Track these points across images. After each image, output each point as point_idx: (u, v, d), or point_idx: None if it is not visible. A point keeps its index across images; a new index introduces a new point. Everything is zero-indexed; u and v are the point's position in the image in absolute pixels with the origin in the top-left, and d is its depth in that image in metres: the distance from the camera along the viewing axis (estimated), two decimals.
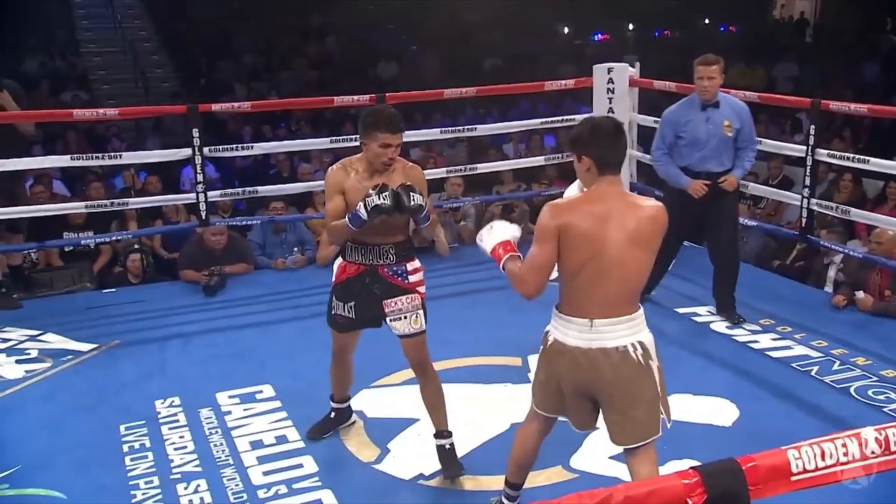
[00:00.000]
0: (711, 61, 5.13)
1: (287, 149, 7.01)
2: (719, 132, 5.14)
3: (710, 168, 5.20)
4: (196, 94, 15.60)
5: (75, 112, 5.90)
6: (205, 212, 6.09)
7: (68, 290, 6.41)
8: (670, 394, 4.38)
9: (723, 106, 5.18)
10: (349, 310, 3.81)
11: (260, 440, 4.18)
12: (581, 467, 3.83)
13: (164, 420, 4.40)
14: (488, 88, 7.20)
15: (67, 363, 5.14)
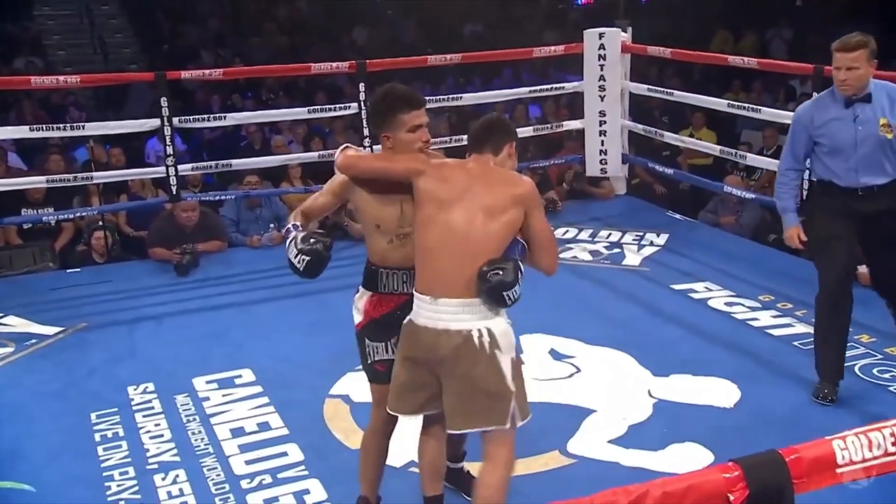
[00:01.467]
0: (852, 46, 3.87)
1: (262, 119, 6.94)
2: (874, 133, 3.94)
3: (865, 181, 4.00)
4: (159, 61, 15.39)
5: (33, 79, 5.81)
6: (175, 186, 6.02)
7: (29, 271, 6.32)
8: (670, 374, 4.50)
9: (877, 98, 3.95)
10: (393, 350, 3.11)
11: (241, 427, 4.15)
12: (578, 452, 3.83)
13: (138, 407, 4.36)
14: (474, 55, 7.16)
15: (32, 347, 5.08)
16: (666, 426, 3.99)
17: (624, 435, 3.94)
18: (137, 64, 15.90)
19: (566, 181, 7.66)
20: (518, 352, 3.02)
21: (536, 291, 4.88)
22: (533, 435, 3.91)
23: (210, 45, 15.47)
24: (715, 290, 5.55)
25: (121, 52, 16.21)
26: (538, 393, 4.29)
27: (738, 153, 6.53)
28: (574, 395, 4.31)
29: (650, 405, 4.19)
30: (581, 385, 4.43)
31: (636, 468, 3.69)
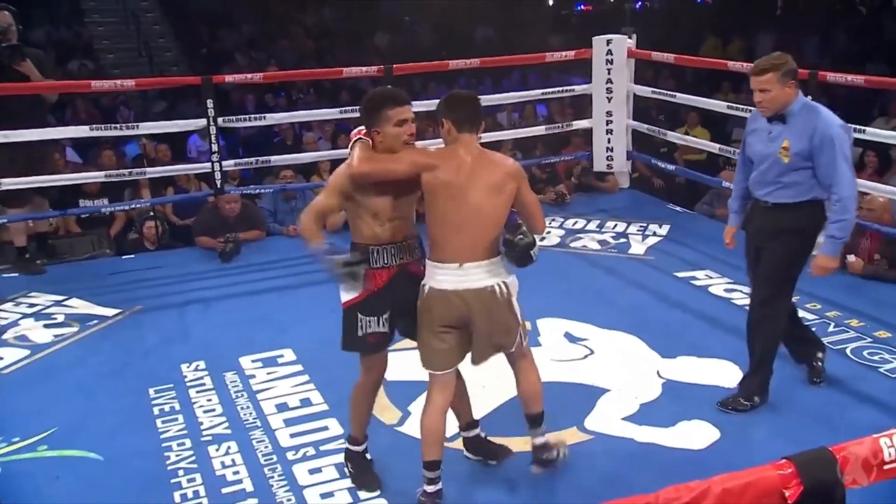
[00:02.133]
0: (759, 70, 3.67)
1: (297, 119, 6.89)
2: (775, 153, 3.72)
3: (759, 195, 3.84)
4: (198, 63, 15.37)
5: (93, 83, 5.74)
6: (220, 181, 5.97)
7: (89, 256, 6.31)
8: (678, 356, 4.46)
9: (792, 121, 3.67)
10: (384, 323, 3.26)
11: (285, 403, 4.13)
12: (595, 428, 3.80)
13: (192, 384, 4.34)
14: (492, 60, 7.07)
15: (94, 328, 5.07)
16: (675, 404, 3.95)
17: (636, 413, 3.91)
18: (178, 66, 15.84)
19: (574, 175, 7.59)
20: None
21: (551, 279, 4.93)
22: (552, 412, 3.88)
23: (244, 49, 15.39)
24: (715, 277, 5.50)
25: (163, 55, 16.14)
26: (556, 373, 4.28)
27: (735, 151, 6.42)
28: (589, 376, 4.27)
29: (660, 385, 4.15)
30: (595, 366, 4.39)
31: (649, 444, 3.66)
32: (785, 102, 3.67)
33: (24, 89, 5.42)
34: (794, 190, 3.72)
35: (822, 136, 3.60)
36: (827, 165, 3.61)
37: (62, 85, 6.14)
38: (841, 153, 3.61)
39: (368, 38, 16.18)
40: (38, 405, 4.17)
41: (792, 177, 3.70)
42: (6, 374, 4.52)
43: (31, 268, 5.86)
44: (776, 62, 3.67)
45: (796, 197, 3.73)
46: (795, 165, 3.67)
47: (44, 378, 4.48)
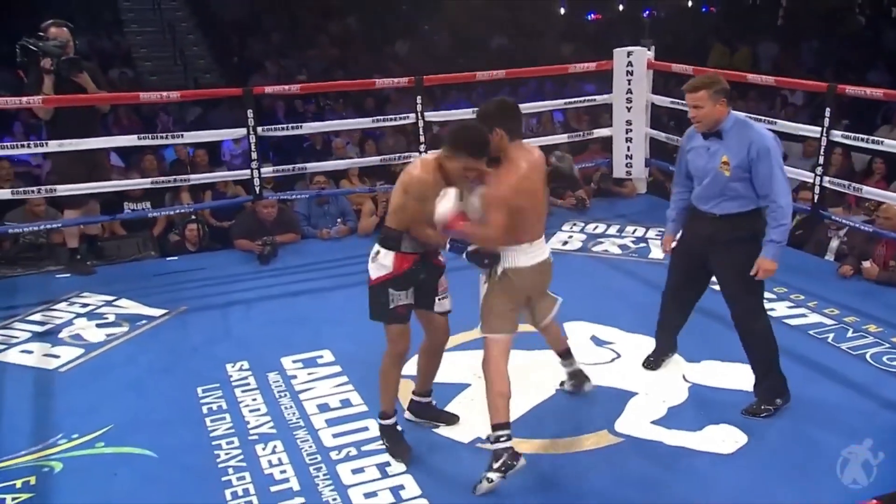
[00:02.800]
0: (692, 88, 3.74)
1: (332, 128, 6.80)
2: (716, 168, 3.77)
3: (705, 209, 3.88)
4: (231, 70, 15.36)
5: (142, 95, 5.71)
6: (258, 187, 5.94)
7: (135, 258, 6.28)
8: (702, 360, 4.39)
9: (728, 137, 3.74)
10: (409, 296, 3.56)
11: (326, 403, 4.09)
12: (626, 431, 3.75)
13: (237, 383, 4.31)
14: (518, 71, 7.02)
15: (143, 328, 5.04)
16: (701, 409, 3.89)
17: (665, 416, 3.86)
18: (211, 73, 15.85)
19: (594, 181, 7.51)
20: None
21: (575, 283, 4.90)
22: (583, 416, 3.89)
23: (273, 56, 15.33)
24: None
25: (197, 62, 16.12)
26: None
27: None
28: (617, 379, 4.22)
29: (686, 389, 4.09)
30: (622, 369, 4.33)
31: (679, 447, 3.62)
32: (717, 119, 3.74)
33: (82, 100, 5.43)
34: (739, 201, 3.78)
35: (759, 149, 3.66)
36: (764, 176, 3.68)
37: (114, 97, 6.10)
38: (777, 163, 3.69)
39: (389, 45, 16.11)
40: (94, 402, 4.15)
41: (734, 188, 3.75)
42: (63, 372, 4.51)
43: (82, 269, 5.86)
44: (708, 81, 3.77)
45: (743, 207, 3.78)
46: (736, 178, 3.73)
47: (98, 376, 4.46)
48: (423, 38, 17.11)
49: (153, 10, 16.80)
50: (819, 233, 6.43)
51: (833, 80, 13.08)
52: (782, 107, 11.08)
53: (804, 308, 4.99)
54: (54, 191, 5.58)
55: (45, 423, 3.98)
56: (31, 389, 4.34)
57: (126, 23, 16.55)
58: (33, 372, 4.52)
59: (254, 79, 14.23)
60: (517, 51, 16.16)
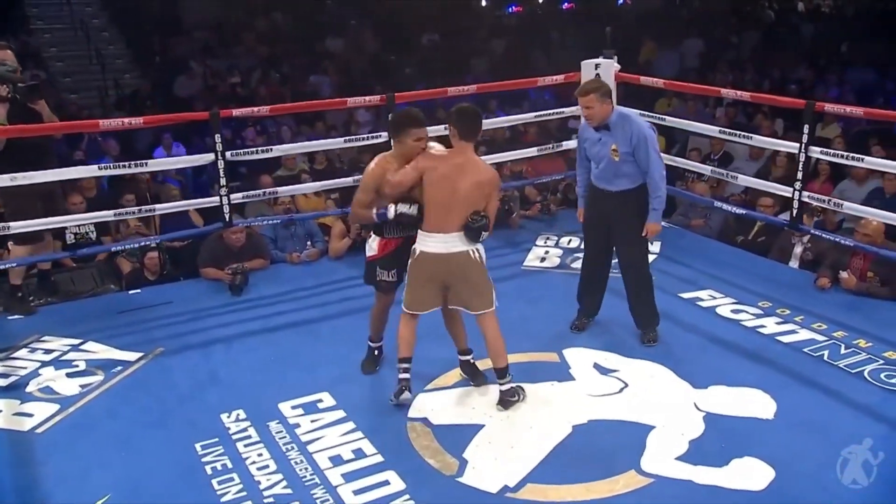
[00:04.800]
0: (584, 91, 4.60)
1: (305, 149, 6.51)
2: (608, 154, 4.65)
3: (604, 187, 4.76)
4: (153, 72, 14.73)
5: (102, 122, 5.33)
6: (228, 214, 5.66)
7: (93, 293, 5.91)
8: (708, 385, 4.39)
9: (614, 129, 4.61)
10: (393, 275, 4.34)
11: (338, 455, 3.91)
12: (653, 471, 3.69)
13: (237, 436, 4.09)
14: (488, 86, 6.88)
15: (120, 375, 4.74)
16: (723, 441, 3.87)
17: (688, 451, 3.82)
18: (130, 73, 15.19)
19: (559, 191, 7.48)
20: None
21: (563, 305, 5.17)
22: (606, 455, 3.83)
23: (198, 56, 14.75)
24: (718, 297, 5.46)
25: (114, 62, 15.36)
26: (597, 411, 4.19)
27: (728, 174, 6.39)
28: (630, 412, 4.17)
29: (701, 419, 4.07)
30: (633, 400, 4.28)
31: (711, 486, 3.58)
32: (605, 115, 4.62)
33: (37, 130, 5.03)
34: (629, 179, 4.68)
35: (639, 137, 4.59)
36: (644, 157, 4.60)
37: (72, 125, 5.69)
38: (652, 147, 4.62)
39: (319, 43, 15.73)
40: (83, 468, 3.88)
41: (624, 169, 4.65)
42: (41, 434, 4.19)
43: (23, 308, 5.48)
44: (596, 86, 4.64)
45: (633, 183, 4.69)
46: (624, 160, 4.63)
47: (81, 435, 4.16)
48: (352, 35, 16.77)
49: (61, 6, 15.89)
50: (782, 239, 6.56)
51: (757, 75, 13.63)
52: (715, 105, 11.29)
53: (792, 324, 5.04)
54: (7, 228, 5.16)
55: (32, 498, 3.69)
56: (8, 456, 4.02)
57: (31, 20, 15.60)
58: (5, 435, 4.19)
59: (179, 80, 13.73)
60: (449, 48, 16.04)
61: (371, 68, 14.85)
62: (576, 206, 7.38)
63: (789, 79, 13.09)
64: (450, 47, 15.94)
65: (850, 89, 12.24)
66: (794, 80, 12.95)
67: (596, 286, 5.04)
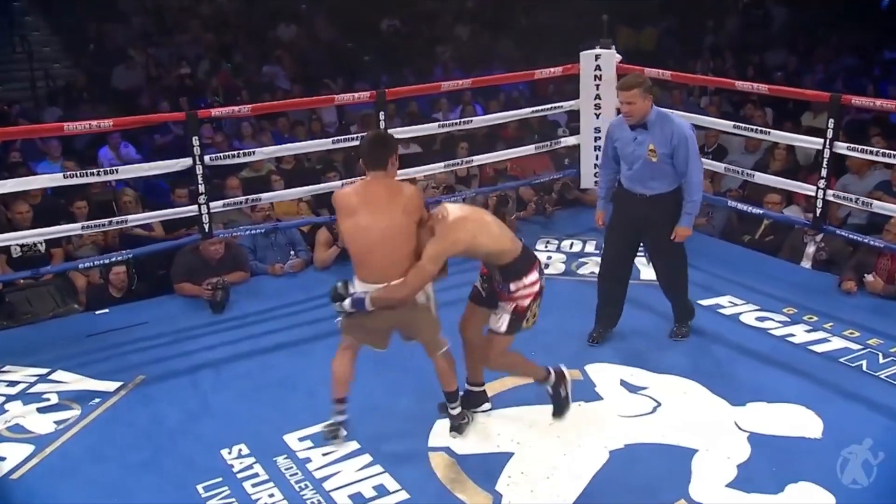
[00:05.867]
0: (627, 85, 4.53)
1: (288, 152, 6.27)
2: (644, 155, 4.60)
3: (637, 190, 4.71)
4: (87, 60, 14.24)
5: (66, 126, 5.05)
6: (208, 224, 5.45)
7: (55, 314, 5.64)
8: (746, 402, 4.33)
9: (652, 128, 4.56)
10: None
11: (359, 493, 3.77)
12: (704, 500, 3.62)
13: (242, 475, 3.91)
14: (483, 80, 6.76)
15: (98, 408, 4.52)
16: (774, 465, 3.82)
17: (737, 477, 3.76)
18: (61, 63, 14.68)
19: (554, 191, 7.40)
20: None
21: (577, 315, 5.13)
22: (651, 484, 3.76)
23: (138, 44, 14.30)
24: (739, 304, 5.44)
25: (42, 50, 14.81)
26: (633, 434, 4.11)
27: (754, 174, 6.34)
28: (668, 434, 4.09)
29: (745, 440, 4.02)
30: (668, 421, 4.21)
31: None
32: (645, 112, 4.54)
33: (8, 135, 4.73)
34: (665, 182, 4.63)
35: (680, 138, 4.53)
36: (683, 159, 4.54)
37: (36, 129, 5.37)
38: (693, 149, 4.57)
39: (271, 30, 15.40)
40: None
41: (660, 171, 4.59)
42: (17, 479, 3.95)
43: None
44: (640, 80, 4.56)
45: (669, 187, 4.64)
46: (662, 162, 4.56)
47: (63, 480, 3.93)
48: (304, 22, 16.46)
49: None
50: (793, 238, 6.58)
51: (734, 60, 13.74)
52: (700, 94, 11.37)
53: (822, 331, 5.04)
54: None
55: None
56: None
57: None
58: None
59: (118, 70, 13.30)
60: (410, 32, 15.86)
61: (328, 58, 14.60)
62: (572, 206, 7.47)
63: (768, 65, 13.24)
64: (411, 34, 15.77)
65: (837, 76, 12.40)
66: (774, 67, 13.09)
67: (616, 295, 4.99)
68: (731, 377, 4.58)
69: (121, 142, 10.02)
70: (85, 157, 9.76)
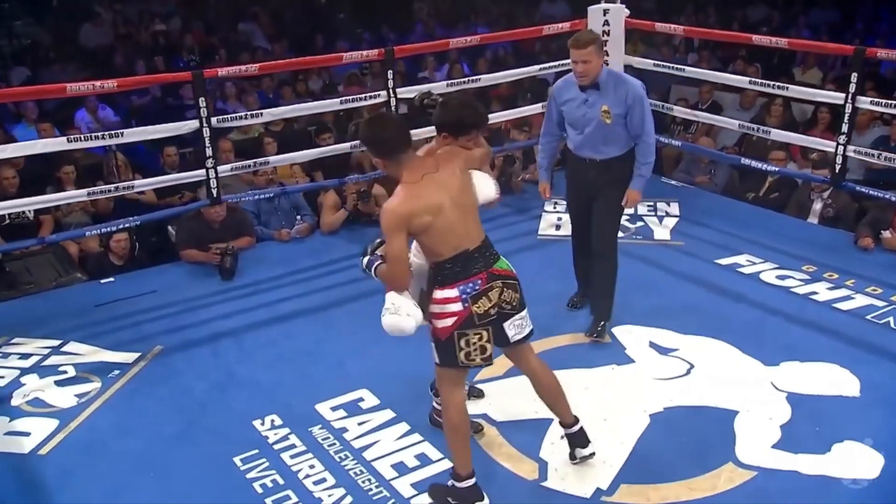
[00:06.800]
0: (582, 42, 4.25)
1: (296, 113, 6.08)
2: (596, 117, 4.35)
3: (587, 155, 4.48)
4: (50, 18, 13.78)
5: (69, 87, 4.84)
6: (216, 189, 5.31)
7: (59, 284, 5.48)
8: (779, 362, 4.36)
9: (605, 88, 4.32)
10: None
11: (401, 462, 3.72)
12: (752, 462, 3.62)
13: (279, 446, 3.84)
14: (492, 36, 6.62)
15: (119, 381, 4.41)
16: (817, 424, 3.84)
17: (782, 439, 3.76)
18: (22, 20, 14.18)
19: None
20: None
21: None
22: (696, 447, 3.76)
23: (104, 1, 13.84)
24: (758, 262, 5.44)
25: (2, 7, 14.28)
26: (670, 397, 4.11)
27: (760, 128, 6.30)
28: (707, 396, 4.09)
29: (784, 400, 4.03)
30: (705, 383, 4.21)
31: (819, 476, 3.52)
32: (598, 72, 4.30)
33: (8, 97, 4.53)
34: (618, 145, 4.42)
35: (634, 97, 4.31)
36: (639, 119, 4.33)
37: (35, 91, 5.13)
38: (647, 108, 4.37)
39: None
40: (109, 494, 3.58)
41: (614, 134, 4.38)
42: (45, 456, 3.84)
43: None
44: (594, 36, 4.35)
45: (620, 150, 4.43)
46: (616, 124, 4.34)
47: (93, 456, 3.84)
48: None
49: None
50: (800, 195, 6.61)
51: (717, 16, 13.69)
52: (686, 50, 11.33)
53: (845, 289, 5.06)
54: None
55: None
56: (14, 485, 3.67)
57: None
58: (4, 460, 3.83)
59: (85, 28, 12.89)
60: None
61: (302, 15, 14.28)
62: None
63: (751, 21, 13.22)
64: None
65: (820, 31, 12.42)
66: (757, 22, 13.07)
67: (588, 267, 4.80)
68: (761, 337, 4.59)
69: (98, 104, 9.75)
70: (57, 119, 9.46)
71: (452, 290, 3.19)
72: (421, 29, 12.98)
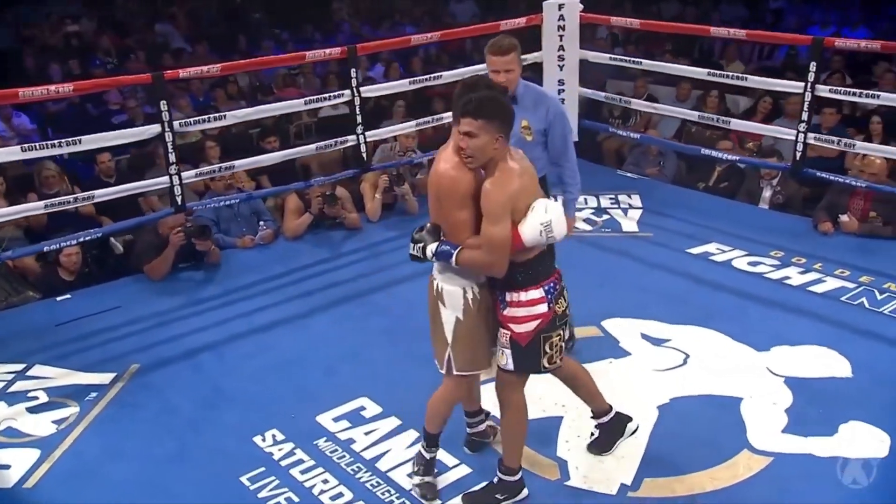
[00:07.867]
0: (505, 49, 3.73)
1: (261, 115, 5.80)
2: (516, 133, 3.67)
3: None
4: None
5: (21, 91, 4.52)
6: (181, 196, 5.07)
7: (9, 304, 5.14)
8: (770, 347, 4.41)
9: (523, 101, 3.82)
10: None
11: None
12: (766, 448, 3.67)
13: (286, 463, 3.69)
14: (451, 32, 6.51)
15: (99, 403, 4.16)
16: (818, 407, 3.92)
17: (790, 423, 3.83)
18: None
19: None
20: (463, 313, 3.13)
21: (571, 270, 4.44)
22: (709, 436, 3.79)
23: None
24: (727, 250, 5.53)
25: None
26: (674, 388, 4.13)
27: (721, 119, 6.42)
28: (708, 385, 4.14)
29: (782, 384, 4.11)
30: (704, 372, 4.25)
31: (833, 458, 3.59)
32: (517, 83, 3.79)
33: None
34: (537, 166, 3.47)
35: (556, 113, 3.88)
36: (561, 137, 3.89)
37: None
38: (568, 126, 3.99)
39: None
40: None
41: (533, 154, 3.58)
42: (33, 488, 3.59)
43: None
44: (515, 43, 3.77)
45: (539, 173, 3.52)
46: (536, 142, 3.85)
47: (87, 482, 3.62)
48: None
49: None
50: (750, 183, 6.78)
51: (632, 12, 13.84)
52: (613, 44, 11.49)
53: (815, 272, 5.20)
54: None
55: None
56: None
57: None
58: None
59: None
60: None
61: (218, 16, 13.89)
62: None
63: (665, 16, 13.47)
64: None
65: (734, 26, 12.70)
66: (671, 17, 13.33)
67: None
68: (747, 323, 4.66)
69: (13, 111, 9.26)
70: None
71: (538, 290, 3.04)
72: (348, 28, 12.79)
